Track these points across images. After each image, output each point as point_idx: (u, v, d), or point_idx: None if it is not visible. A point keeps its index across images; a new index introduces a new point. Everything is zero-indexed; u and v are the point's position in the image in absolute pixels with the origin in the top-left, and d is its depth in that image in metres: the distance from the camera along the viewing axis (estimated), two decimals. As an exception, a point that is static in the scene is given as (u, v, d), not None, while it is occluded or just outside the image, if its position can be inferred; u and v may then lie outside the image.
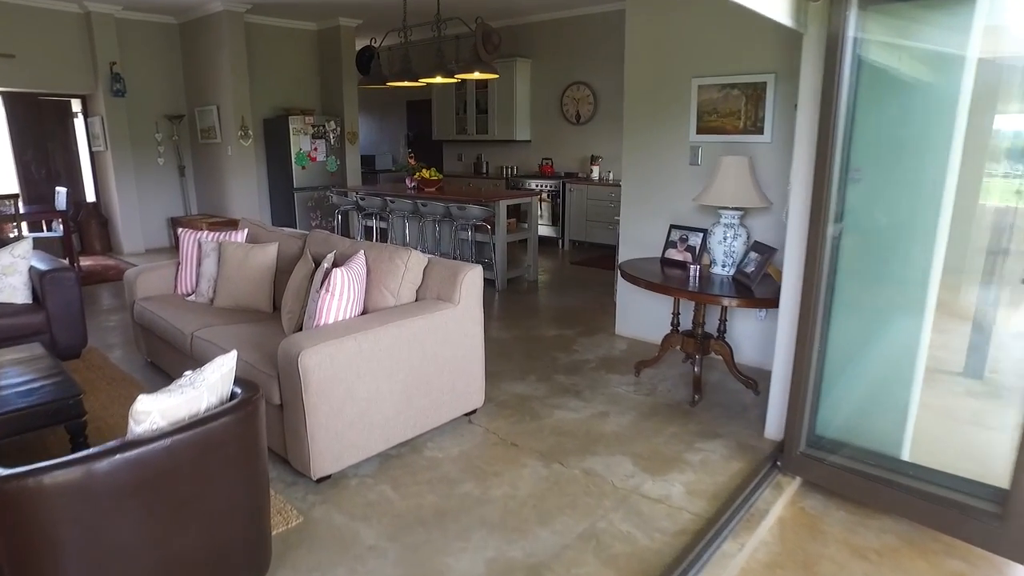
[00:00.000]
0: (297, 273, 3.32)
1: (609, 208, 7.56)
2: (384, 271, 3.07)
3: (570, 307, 5.47)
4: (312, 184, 8.51)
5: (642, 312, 4.51)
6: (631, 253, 4.48)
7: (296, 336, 2.59)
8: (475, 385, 3.24)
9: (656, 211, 4.30)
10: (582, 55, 8.15)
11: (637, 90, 4.26)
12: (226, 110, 7.79)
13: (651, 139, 4.24)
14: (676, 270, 3.83)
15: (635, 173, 4.38)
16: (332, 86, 8.89)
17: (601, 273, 6.74)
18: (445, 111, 9.57)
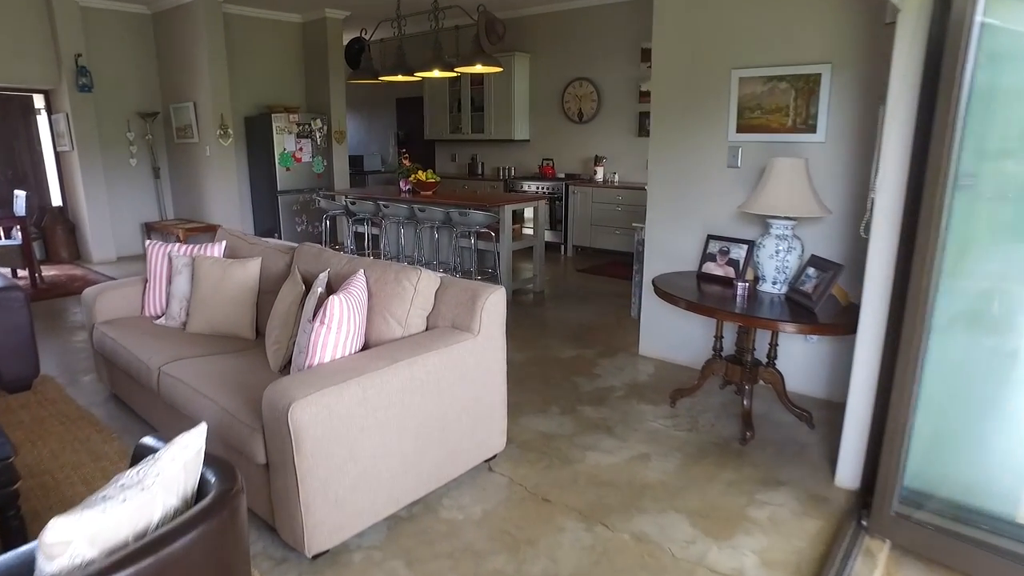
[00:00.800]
0: (284, 296, 2.81)
1: (615, 212, 7.11)
2: (389, 295, 2.57)
3: (584, 322, 5.00)
4: (297, 186, 7.98)
5: (670, 331, 4.06)
6: (658, 265, 4.02)
7: (285, 382, 2.09)
8: (497, 427, 2.76)
9: (687, 219, 3.84)
10: (585, 49, 7.69)
11: (666, 83, 3.80)
12: (204, 107, 7.23)
13: (682, 138, 3.78)
14: (716, 287, 3.38)
15: (663, 176, 3.92)
16: (318, 82, 8.35)
17: (610, 282, 6.28)
18: (438, 109, 9.06)
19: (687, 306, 3.13)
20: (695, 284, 3.44)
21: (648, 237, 4.09)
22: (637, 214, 6.82)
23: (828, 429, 3.17)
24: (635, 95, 7.34)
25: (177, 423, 2.76)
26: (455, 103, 8.87)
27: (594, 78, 7.67)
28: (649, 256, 4.10)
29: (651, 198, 4.00)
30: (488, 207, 5.15)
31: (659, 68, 3.82)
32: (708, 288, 3.37)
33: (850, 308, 2.92)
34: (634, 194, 6.95)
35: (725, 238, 3.49)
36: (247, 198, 8.28)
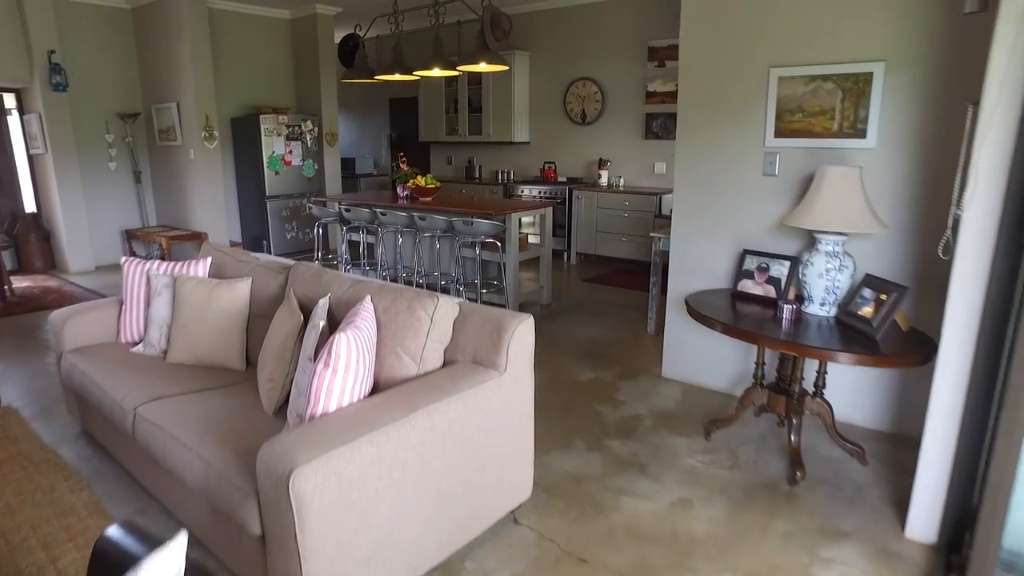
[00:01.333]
0: (279, 327, 2.46)
1: (622, 218, 6.80)
2: (401, 327, 2.23)
3: (597, 338, 4.68)
4: (287, 191, 7.60)
5: (697, 352, 3.74)
6: (684, 281, 3.71)
7: (284, 441, 1.75)
8: (523, 473, 2.43)
9: (717, 231, 3.53)
10: (588, 48, 7.38)
11: (695, 83, 3.48)
12: (188, 108, 6.83)
13: (712, 143, 3.46)
14: (754, 307, 3.07)
15: (690, 184, 3.60)
16: (308, 82, 7.98)
17: (620, 293, 5.96)
18: (433, 110, 8.71)
19: (724, 330, 2.82)
20: (730, 304, 3.13)
21: (672, 250, 3.77)
22: (644, 220, 6.53)
23: (884, 466, 2.87)
24: (641, 95, 7.03)
25: (157, 476, 2.41)
26: (452, 103, 8.53)
27: (598, 78, 7.36)
28: (674, 270, 3.78)
29: (677, 208, 3.69)
30: (494, 215, 4.81)
31: (687, 66, 3.50)
32: (746, 309, 3.06)
33: (914, 335, 2.61)
34: (641, 199, 6.64)
35: (764, 254, 3.17)
36: (234, 203, 7.89)
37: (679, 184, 3.66)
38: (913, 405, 3.06)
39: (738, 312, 3.03)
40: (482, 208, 5.08)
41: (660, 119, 6.92)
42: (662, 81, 6.83)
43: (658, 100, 6.90)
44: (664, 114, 6.87)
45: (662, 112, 6.89)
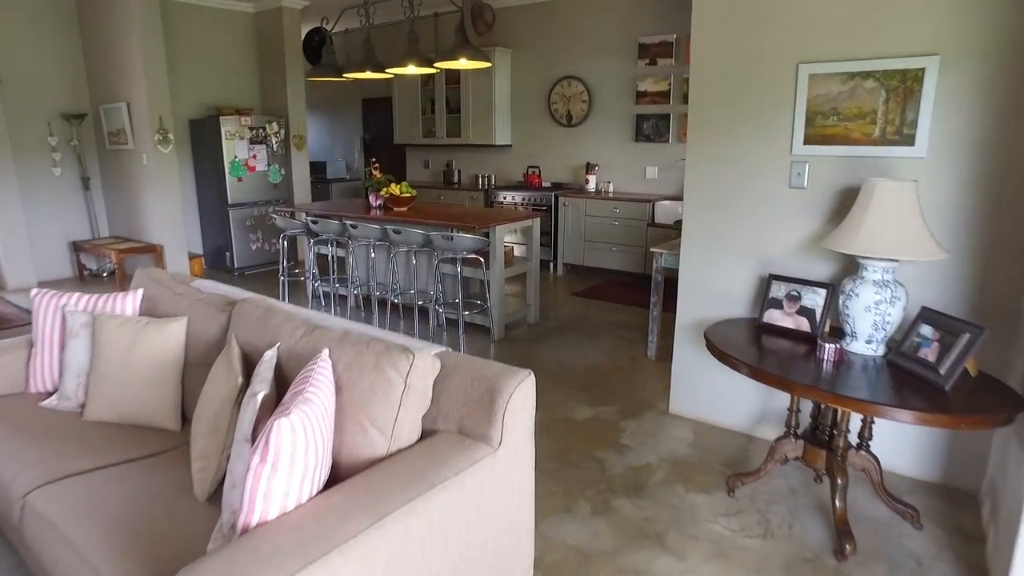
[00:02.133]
0: (215, 388, 1.96)
1: (612, 227, 6.36)
2: (367, 390, 1.75)
3: (593, 364, 4.23)
4: (251, 199, 7.04)
5: (710, 385, 3.31)
6: (694, 306, 3.27)
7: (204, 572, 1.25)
8: (521, 565, 1.95)
9: (735, 250, 3.09)
10: (574, 44, 6.93)
11: (708, 83, 3.04)
12: (139, 109, 6.24)
13: (729, 150, 3.02)
14: (784, 342, 2.64)
15: (702, 196, 3.16)
16: (274, 81, 7.42)
17: (613, 309, 5.52)
18: (409, 110, 8.20)
19: (753, 374, 2.37)
20: (755, 338, 2.70)
21: (682, 271, 3.32)
22: (637, 229, 6.10)
23: (942, 530, 2.45)
24: (631, 95, 6.60)
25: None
26: (428, 104, 8.02)
27: (584, 76, 6.91)
28: (684, 294, 3.34)
29: (688, 224, 3.24)
30: (476, 229, 4.33)
31: (700, 64, 3.05)
32: (774, 345, 2.63)
33: (986, 383, 2.19)
34: (633, 206, 6.20)
35: (794, 280, 2.74)
36: (194, 212, 7.30)
37: (690, 197, 3.21)
38: (966, 453, 2.66)
39: (766, 349, 2.59)
40: (463, 220, 4.60)
41: (651, 121, 6.50)
42: (654, 80, 6.40)
43: (649, 100, 6.47)
44: (656, 115, 6.45)
45: (654, 113, 6.47)
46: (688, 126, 3.15)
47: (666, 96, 6.35)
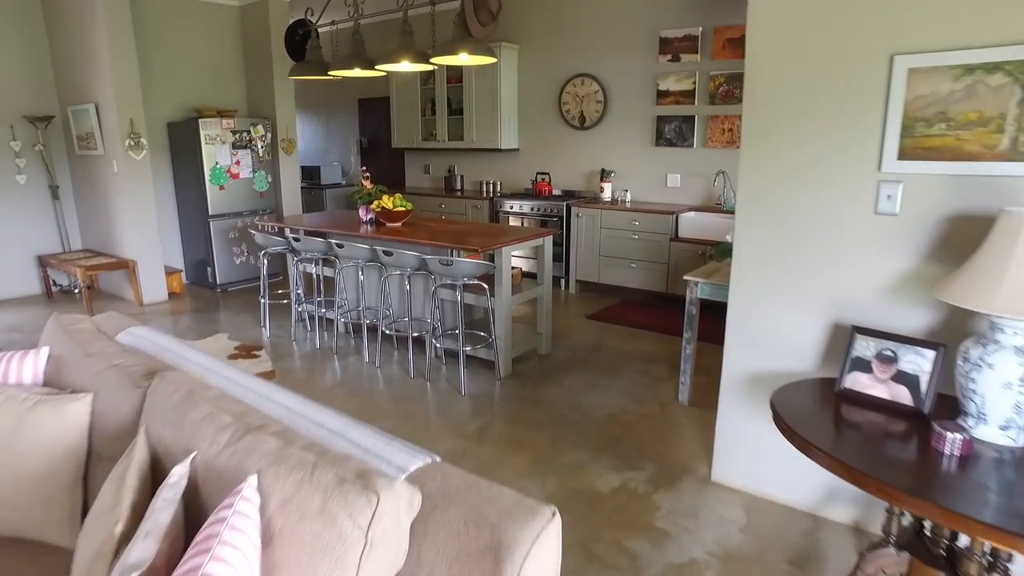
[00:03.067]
0: (94, 528, 1.36)
1: (630, 241, 5.74)
2: (309, 546, 1.15)
3: (615, 410, 3.62)
4: (235, 208, 6.45)
5: (764, 449, 2.69)
6: (748, 357, 2.65)
7: None
8: None
9: (802, 290, 2.47)
10: (588, 39, 6.31)
11: (769, 79, 2.42)
12: (108, 110, 5.66)
13: (796, 165, 2.41)
14: (875, 417, 2.02)
15: (759, 222, 2.54)
16: (261, 80, 6.83)
17: (635, 337, 4.90)
18: (407, 111, 7.59)
19: (843, 472, 1.75)
20: (834, 410, 2.08)
21: (732, 312, 2.71)
22: (658, 245, 5.48)
23: None
24: (651, 95, 5.98)
25: None
26: (428, 104, 7.41)
27: (599, 74, 6.29)
28: (733, 340, 2.72)
29: (739, 253, 2.62)
30: (480, 251, 3.72)
31: (756, 59, 2.44)
32: (860, 418, 2.02)
33: None
34: (654, 219, 5.58)
35: (888, 335, 2.11)
36: (174, 223, 6.72)
37: (742, 221, 2.59)
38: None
39: (852, 429, 1.98)
40: (464, 240, 3.99)
41: (674, 123, 5.88)
42: (676, 78, 5.78)
43: (672, 100, 5.85)
44: (679, 117, 5.83)
45: (676, 115, 5.85)
46: (742, 135, 2.53)
47: (690, 96, 5.73)
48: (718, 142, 5.66)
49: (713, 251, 3.43)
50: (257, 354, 4.61)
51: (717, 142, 5.66)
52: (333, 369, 4.30)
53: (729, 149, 5.62)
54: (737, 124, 5.51)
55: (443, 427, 3.43)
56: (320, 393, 3.89)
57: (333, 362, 4.43)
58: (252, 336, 5.01)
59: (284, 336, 4.98)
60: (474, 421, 3.50)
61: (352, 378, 4.14)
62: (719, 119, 5.61)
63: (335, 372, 4.24)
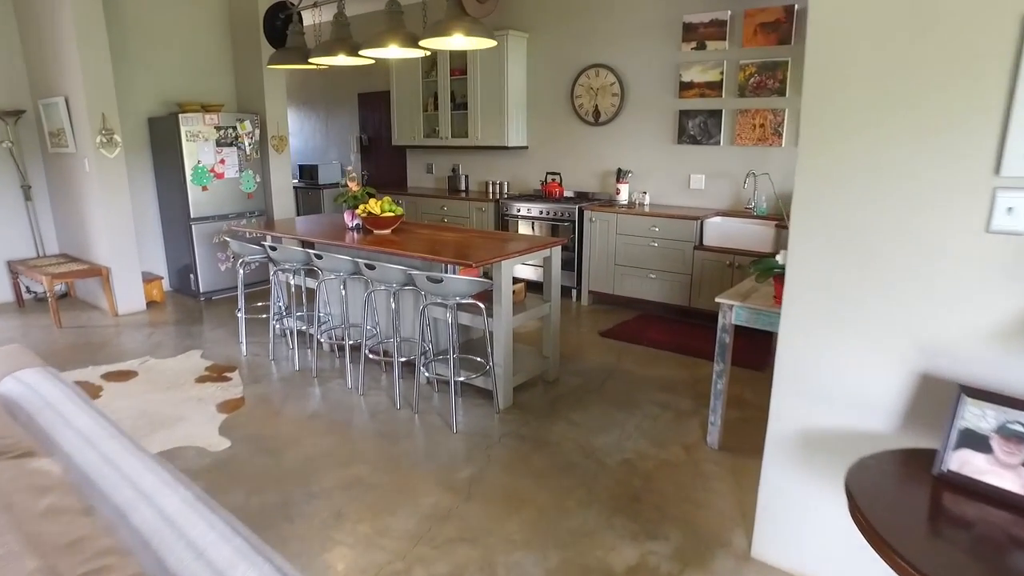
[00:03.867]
0: None
1: (649, 249, 5.17)
2: None
3: (631, 454, 3.06)
4: (220, 211, 5.97)
5: (815, 521, 2.13)
6: (803, 408, 2.09)
7: None
8: None
9: (876, 327, 1.90)
10: (603, 26, 5.74)
11: (835, 59, 1.85)
12: (77, 104, 5.19)
13: (873, 165, 1.83)
14: (999, 516, 1.46)
15: (820, 237, 1.97)
16: (250, 72, 6.33)
17: (654, 359, 4.34)
18: (408, 106, 7.06)
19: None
20: (934, 502, 1.52)
21: (783, 348, 2.14)
22: (680, 253, 4.91)
23: None
24: (673, 87, 5.41)
25: None
26: (430, 98, 6.88)
27: (616, 64, 5.73)
28: (783, 384, 2.16)
29: (792, 277, 2.05)
30: (474, 265, 3.18)
31: (820, 31, 1.86)
32: (968, 512, 1.46)
33: None
34: (676, 224, 5.01)
35: (1017, 402, 1.54)
36: (156, 227, 6.25)
37: (798, 237, 2.02)
38: None
39: (956, 525, 1.43)
40: (459, 251, 3.45)
41: (698, 118, 5.30)
42: (701, 68, 5.20)
43: (696, 93, 5.27)
44: (704, 112, 5.25)
45: (701, 109, 5.27)
46: (801, 128, 1.95)
47: (717, 88, 5.15)
48: (748, 139, 5.07)
49: (751, 267, 2.86)
50: (229, 376, 4.11)
51: (747, 139, 5.07)
52: (311, 396, 3.78)
53: (760, 147, 5.03)
54: (770, 119, 4.92)
55: (428, 475, 2.90)
56: (291, 427, 3.37)
57: (313, 387, 3.91)
58: (229, 354, 4.51)
59: (263, 354, 4.48)
60: (465, 467, 2.97)
61: (331, 408, 3.62)
62: (749, 113, 5.02)
63: (313, 400, 3.73)
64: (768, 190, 5.02)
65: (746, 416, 3.46)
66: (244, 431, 3.35)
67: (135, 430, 3.35)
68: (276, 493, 2.77)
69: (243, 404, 3.70)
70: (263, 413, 3.57)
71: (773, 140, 4.94)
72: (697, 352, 4.41)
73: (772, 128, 4.93)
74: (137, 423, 3.44)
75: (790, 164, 4.90)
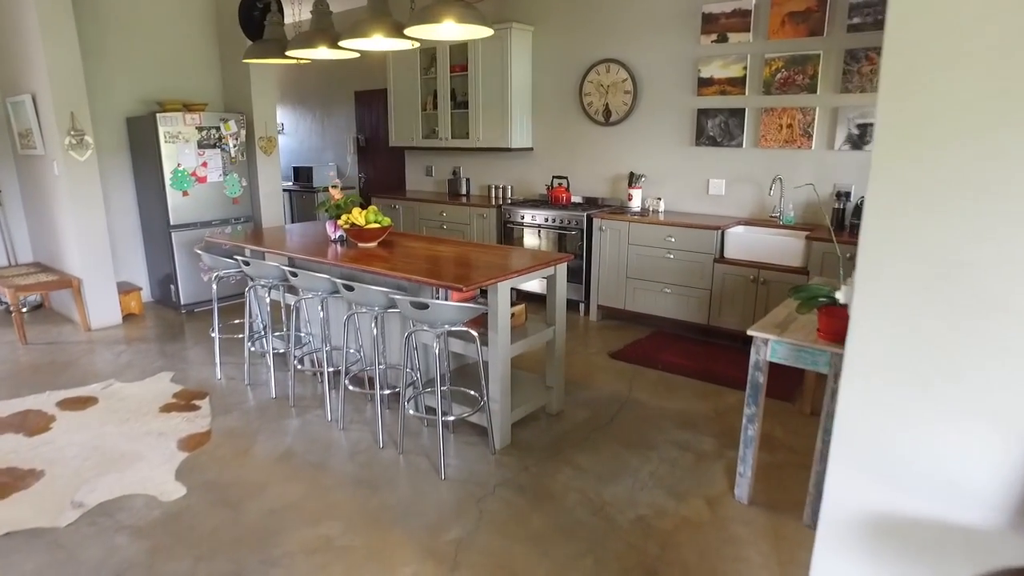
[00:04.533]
0: None
1: (664, 260, 4.73)
2: None
3: (647, 509, 2.62)
4: (202, 218, 5.57)
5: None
6: (863, 485, 1.65)
7: None
8: None
9: (979, 391, 1.45)
10: (615, 17, 5.30)
11: (926, 36, 1.39)
12: (45, 102, 4.80)
13: (983, 178, 1.38)
14: None
15: (902, 266, 1.52)
16: (238, 69, 5.93)
17: (668, 385, 3.89)
18: (406, 104, 6.64)
19: None
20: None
21: (843, 406, 1.69)
22: (698, 266, 4.47)
23: None
24: (691, 84, 4.95)
25: None
26: (429, 96, 6.46)
27: (628, 60, 5.28)
28: (841, 452, 1.71)
29: (860, 317, 1.61)
30: (464, 289, 2.74)
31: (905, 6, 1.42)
32: None
33: None
34: (694, 235, 4.56)
35: None
36: (137, 234, 5.87)
37: (868, 267, 1.57)
38: None
39: None
40: (450, 270, 3.03)
41: (719, 117, 4.84)
42: (723, 63, 4.74)
43: (716, 90, 4.82)
44: (725, 110, 4.80)
45: (722, 107, 4.81)
46: (876, 125, 1.50)
47: (740, 84, 4.69)
48: (774, 141, 4.61)
49: (791, 294, 2.42)
50: (197, 405, 3.70)
51: (772, 141, 4.62)
52: (285, 431, 3.36)
53: (787, 149, 4.57)
54: (799, 119, 4.46)
55: (409, 536, 2.47)
56: (258, 471, 2.96)
57: (288, 419, 3.50)
58: (202, 377, 4.10)
59: (239, 378, 4.07)
60: (453, 526, 2.54)
61: (306, 446, 3.20)
62: (775, 112, 4.56)
63: (286, 436, 3.31)
64: (795, 197, 4.56)
65: (777, 461, 3.01)
66: (204, 475, 2.94)
67: (80, 473, 2.95)
68: (228, 560, 2.35)
69: (208, 440, 3.28)
70: (229, 452, 3.16)
71: (802, 142, 4.48)
72: (719, 378, 3.96)
73: (801, 129, 4.47)
74: (84, 464, 3.03)
75: (820, 169, 4.44)
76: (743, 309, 4.41)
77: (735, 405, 3.62)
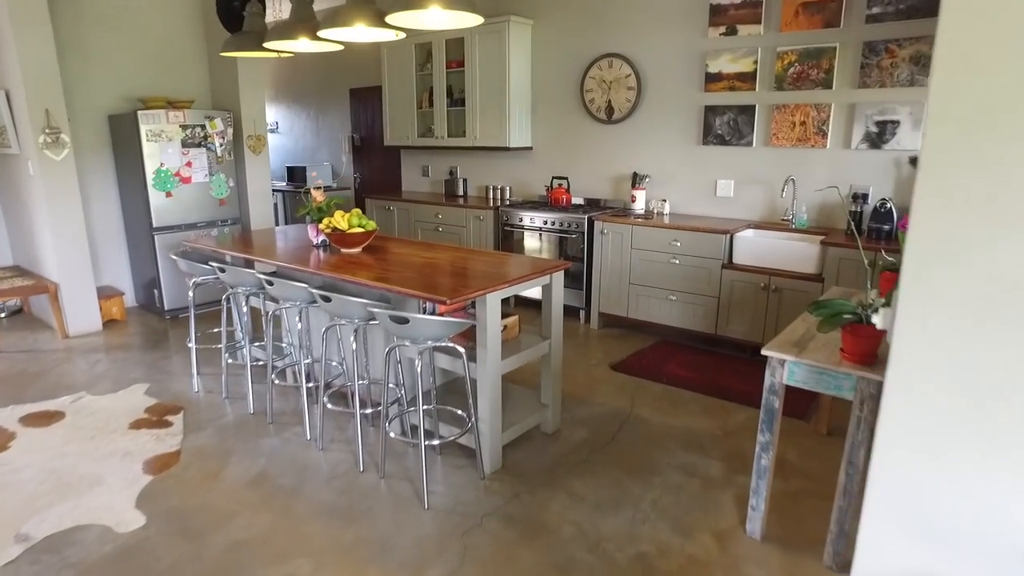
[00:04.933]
0: None
1: (669, 266, 4.47)
2: None
3: (650, 544, 2.37)
4: (187, 220, 5.35)
5: None
6: (903, 547, 1.39)
7: None
8: None
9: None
10: (617, 10, 5.04)
11: (989, 26, 1.14)
12: (19, 98, 4.58)
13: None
14: None
15: (956, 291, 1.26)
16: (224, 63, 5.70)
17: (673, 400, 3.64)
18: (402, 102, 6.40)
19: None
20: None
21: (879, 455, 1.44)
22: (705, 272, 4.21)
23: None
24: (698, 79, 4.70)
25: None
26: (425, 94, 6.21)
27: (632, 54, 5.02)
28: (876, 508, 1.46)
29: (901, 349, 1.35)
30: (448, 302, 2.49)
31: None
32: None
33: None
34: (700, 239, 4.30)
35: None
36: (120, 237, 5.64)
37: (913, 291, 1.32)
38: None
39: None
40: (438, 280, 2.78)
41: (728, 115, 4.58)
42: (732, 57, 4.48)
43: (725, 86, 4.56)
44: (734, 107, 4.54)
45: (730, 104, 4.55)
46: (928, 123, 1.25)
47: (750, 79, 4.43)
48: (786, 139, 4.35)
49: (811, 310, 2.16)
50: (170, 421, 3.47)
51: (785, 139, 4.35)
52: (259, 451, 3.12)
53: (800, 148, 4.31)
54: (812, 116, 4.20)
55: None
56: (226, 497, 2.72)
57: (265, 438, 3.26)
58: (178, 390, 3.87)
59: (217, 390, 3.84)
60: (434, 565, 2.29)
61: (281, 468, 2.96)
62: (788, 109, 4.30)
63: (260, 457, 3.07)
64: (809, 199, 4.30)
65: (792, 488, 2.75)
66: (167, 502, 2.70)
67: (34, 499, 2.71)
68: (182, 605, 2.11)
69: (177, 461, 3.05)
70: (197, 475, 2.92)
71: (816, 140, 4.22)
72: (726, 393, 3.70)
73: (815, 126, 4.21)
74: (39, 489, 2.80)
75: (836, 169, 4.18)
76: (753, 318, 4.14)
77: (745, 423, 3.36)
